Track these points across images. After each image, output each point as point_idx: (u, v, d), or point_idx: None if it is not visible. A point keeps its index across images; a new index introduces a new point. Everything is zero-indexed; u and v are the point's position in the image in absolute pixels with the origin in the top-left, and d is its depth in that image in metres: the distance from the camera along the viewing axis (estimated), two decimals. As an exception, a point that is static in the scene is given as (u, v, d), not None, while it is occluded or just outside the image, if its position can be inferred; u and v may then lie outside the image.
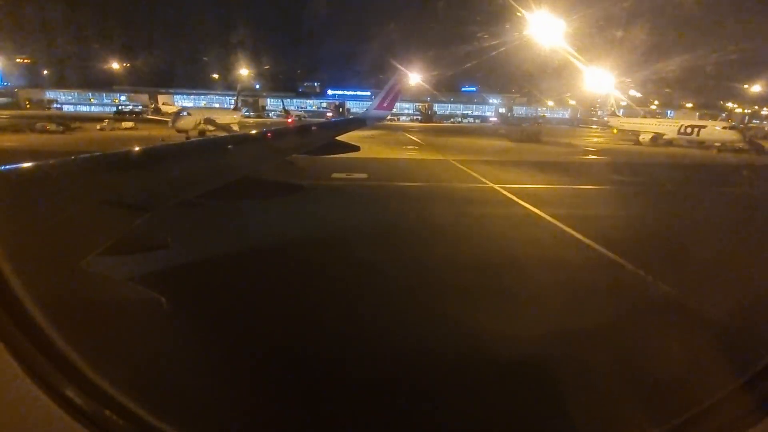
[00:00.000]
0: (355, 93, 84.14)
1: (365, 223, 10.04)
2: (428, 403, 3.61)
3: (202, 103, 79.32)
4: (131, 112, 61.89)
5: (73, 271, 1.45)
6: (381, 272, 6.68)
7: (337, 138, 6.72)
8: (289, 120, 56.63)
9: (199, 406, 3.01)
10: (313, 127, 7.64)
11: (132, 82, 74.93)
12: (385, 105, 9.48)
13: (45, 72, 71.12)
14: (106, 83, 74.24)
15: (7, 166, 1.70)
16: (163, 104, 71.80)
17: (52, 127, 30.88)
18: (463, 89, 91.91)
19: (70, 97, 73.50)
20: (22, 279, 1.18)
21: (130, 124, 37.13)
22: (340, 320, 4.98)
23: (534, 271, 7.09)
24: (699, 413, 1.42)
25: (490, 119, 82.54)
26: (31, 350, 1.13)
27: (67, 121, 33.23)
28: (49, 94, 72.46)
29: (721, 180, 20.38)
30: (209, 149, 3.58)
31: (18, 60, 67.81)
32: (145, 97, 74.26)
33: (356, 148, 7.05)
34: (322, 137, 6.37)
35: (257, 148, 4.38)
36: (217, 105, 78.74)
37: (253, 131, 5.58)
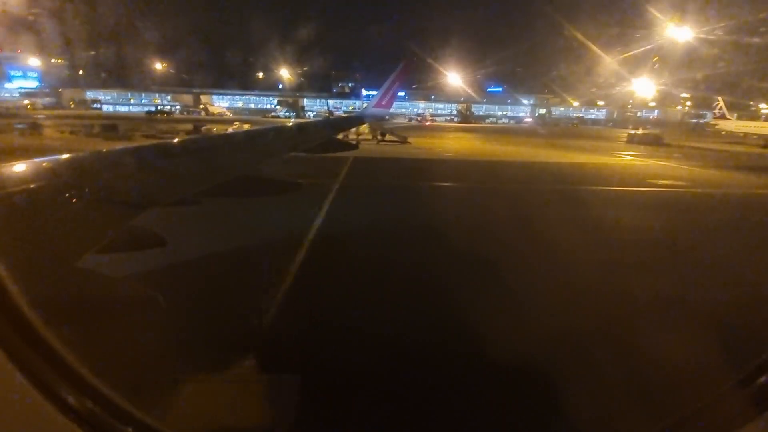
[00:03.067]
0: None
1: None
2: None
3: (239, 104, 79.63)
4: (163, 113, 62.37)
5: (69, 269, 1.44)
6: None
7: (336, 137, 6.70)
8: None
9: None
10: (312, 126, 7.60)
11: (168, 83, 75.10)
12: (383, 103, 9.39)
13: (80, 72, 71.35)
14: (142, 84, 74.40)
15: (3, 165, 1.74)
16: (201, 105, 72.16)
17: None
18: (488, 89, 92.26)
19: (108, 98, 73.60)
20: (17, 277, 1.17)
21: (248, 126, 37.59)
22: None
23: None
24: (693, 412, 1.42)
25: (525, 120, 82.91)
26: (26, 350, 1.11)
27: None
28: (89, 94, 72.52)
29: None
30: (206, 148, 3.56)
31: (53, 61, 68.01)
32: (188, 98, 74.52)
33: (354, 147, 6.95)
34: (321, 136, 6.27)
35: (253, 146, 4.33)
36: (252, 105, 79.20)
37: (250, 130, 5.51)
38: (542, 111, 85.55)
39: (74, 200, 1.73)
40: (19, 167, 1.80)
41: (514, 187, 15.83)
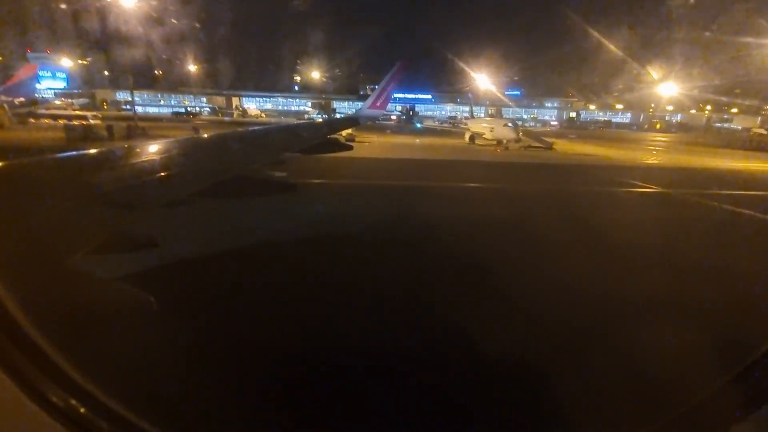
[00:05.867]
0: (415, 96, 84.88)
1: None
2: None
3: (268, 105, 79.56)
4: (191, 114, 62.29)
5: (60, 271, 1.42)
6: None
7: (330, 137, 6.65)
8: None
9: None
10: (307, 126, 7.55)
11: (197, 84, 74.84)
12: (378, 104, 9.29)
13: (106, 73, 70.80)
14: (171, 85, 74.09)
15: None
16: (235, 107, 72.04)
17: None
18: (506, 93, 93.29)
19: (138, 98, 73.03)
20: (5, 280, 1.17)
21: None
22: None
23: None
24: (685, 411, 1.44)
25: (551, 123, 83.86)
26: (15, 354, 1.10)
27: None
28: (119, 95, 71.99)
29: None
30: (199, 147, 3.53)
31: (79, 61, 67.40)
32: (220, 100, 74.36)
33: (349, 147, 6.87)
34: (316, 136, 6.24)
35: (247, 146, 4.27)
36: (281, 107, 79.13)
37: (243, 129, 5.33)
38: (572, 114, 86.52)
39: (66, 200, 1.71)
40: (10, 165, 1.80)
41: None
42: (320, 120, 13.74)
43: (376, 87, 9.59)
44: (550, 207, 11.92)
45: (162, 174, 2.52)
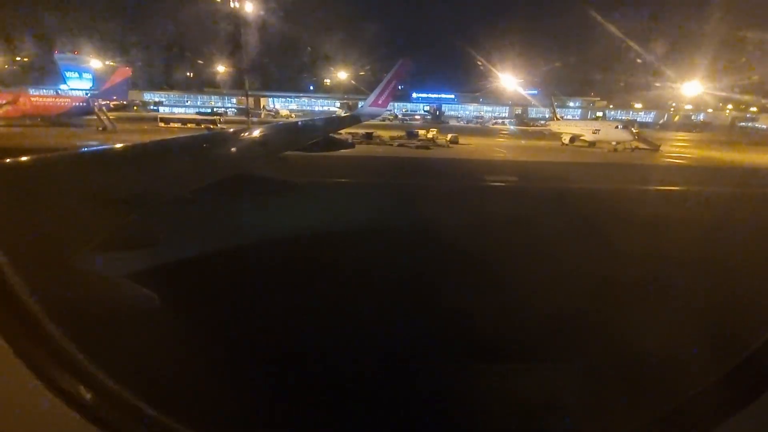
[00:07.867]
0: (438, 96, 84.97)
1: None
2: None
3: (293, 106, 79.34)
4: (216, 114, 62.18)
5: (66, 268, 1.44)
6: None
7: (331, 135, 6.61)
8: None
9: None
10: (306, 124, 7.53)
11: (224, 85, 74.53)
12: (380, 102, 9.28)
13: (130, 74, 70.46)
14: (196, 86, 73.82)
15: (1, 161, 1.75)
16: (262, 107, 71.78)
17: None
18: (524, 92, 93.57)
19: (164, 99, 72.81)
20: (18, 275, 1.20)
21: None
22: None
23: None
24: (676, 408, 1.48)
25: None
26: (29, 344, 1.14)
27: None
28: (146, 96, 71.63)
29: None
30: (200, 146, 3.53)
31: (107, 63, 66.99)
32: (249, 101, 73.91)
33: (351, 146, 6.87)
34: (316, 134, 6.18)
35: (247, 145, 4.27)
36: (306, 108, 78.92)
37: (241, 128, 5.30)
38: (598, 114, 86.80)
39: (71, 197, 1.72)
40: (16, 163, 1.80)
41: None
42: (324, 118, 14.01)
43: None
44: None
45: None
